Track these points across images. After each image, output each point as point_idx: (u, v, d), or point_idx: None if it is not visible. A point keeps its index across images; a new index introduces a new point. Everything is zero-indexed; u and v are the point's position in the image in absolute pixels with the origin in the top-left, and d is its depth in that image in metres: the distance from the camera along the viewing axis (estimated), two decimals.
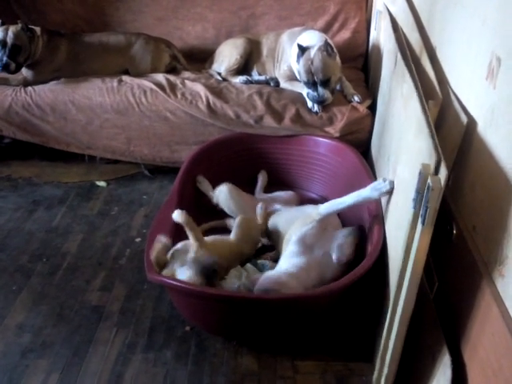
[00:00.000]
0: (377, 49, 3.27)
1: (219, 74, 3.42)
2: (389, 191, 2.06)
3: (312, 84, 2.96)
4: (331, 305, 2.16)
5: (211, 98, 3.10)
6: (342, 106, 3.03)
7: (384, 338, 1.80)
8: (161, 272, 2.06)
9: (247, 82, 3.28)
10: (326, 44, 2.93)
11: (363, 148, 2.99)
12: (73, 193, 3.21)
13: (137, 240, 2.78)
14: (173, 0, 3.78)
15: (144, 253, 2.11)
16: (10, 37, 3.17)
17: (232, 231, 2.41)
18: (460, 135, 1.74)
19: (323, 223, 2.25)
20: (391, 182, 2.06)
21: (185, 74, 3.40)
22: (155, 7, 3.79)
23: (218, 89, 3.20)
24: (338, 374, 2.04)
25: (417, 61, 2.27)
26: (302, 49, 2.95)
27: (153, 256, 2.05)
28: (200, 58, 3.68)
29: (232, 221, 2.57)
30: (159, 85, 3.21)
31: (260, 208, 2.59)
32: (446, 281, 1.76)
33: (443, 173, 1.42)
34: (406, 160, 1.86)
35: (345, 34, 3.69)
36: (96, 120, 3.24)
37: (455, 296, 1.68)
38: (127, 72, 3.42)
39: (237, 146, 3.05)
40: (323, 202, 2.32)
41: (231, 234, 2.39)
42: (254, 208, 2.60)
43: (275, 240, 2.47)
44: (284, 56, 3.29)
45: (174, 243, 2.18)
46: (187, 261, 2.07)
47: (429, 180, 1.42)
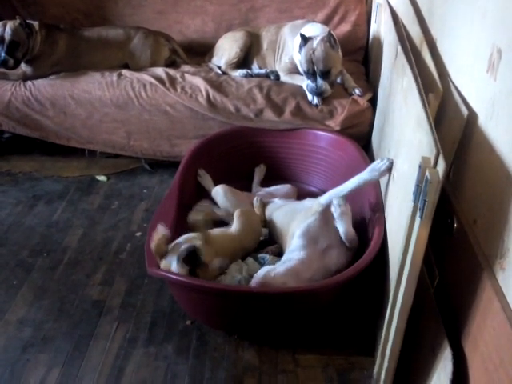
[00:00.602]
0: (377, 42, 3.26)
1: (219, 68, 3.41)
2: (388, 168, 2.05)
3: (312, 74, 2.94)
4: (332, 298, 2.16)
5: (211, 92, 3.09)
6: (343, 99, 3.02)
7: (384, 332, 1.80)
8: (160, 261, 2.06)
9: (247, 76, 3.27)
10: (330, 35, 2.92)
11: (364, 141, 2.98)
12: (73, 187, 3.20)
13: (137, 234, 2.78)
14: None
15: (144, 247, 2.11)
16: (8, 33, 3.16)
17: (233, 225, 2.40)
18: (460, 128, 1.73)
19: (325, 215, 2.23)
20: (389, 159, 2.05)
21: (184, 68, 3.39)
22: (155, 1, 3.77)
23: (218, 82, 3.19)
24: (339, 368, 2.04)
25: (417, 53, 2.26)
26: (305, 38, 2.93)
27: (153, 244, 2.05)
28: (200, 52, 3.67)
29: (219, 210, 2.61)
30: (159, 79, 3.20)
31: (256, 201, 2.60)
32: (447, 274, 1.75)
33: (441, 166, 1.41)
34: (406, 153, 1.85)
35: (345, 27, 3.67)
36: (96, 114, 3.23)
37: (456, 289, 1.68)
38: (127, 66, 3.42)
39: (237, 140, 3.05)
40: None
41: (232, 227, 2.39)
42: (250, 204, 2.61)
43: (275, 234, 2.47)
44: (285, 49, 3.27)
45: (175, 237, 2.17)
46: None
47: (427, 173, 1.41)
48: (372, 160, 2.68)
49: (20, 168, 3.39)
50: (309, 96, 3.02)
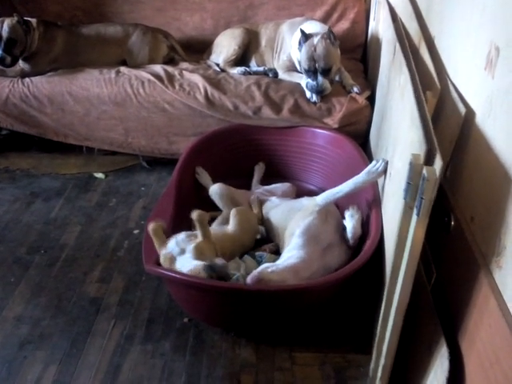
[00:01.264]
0: (376, 39, 3.26)
1: (217, 65, 3.40)
2: (385, 169, 2.06)
3: (313, 72, 2.93)
4: (329, 296, 2.16)
5: (209, 89, 3.09)
6: (341, 97, 3.01)
7: (381, 329, 1.79)
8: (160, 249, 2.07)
9: (245, 73, 3.27)
10: (330, 32, 2.91)
11: (362, 139, 2.98)
12: (71, 184, 3.20)
13: (135, 232, 2.78)
14: None
15: (142, 244, 2.11)
16: (5, 30, 3.15)
17: (230, 223, 2.40)
18: (458, 126, 1.73)
19: (323, 214, 2.24)
20: (384, 160, 2.05)
21: (183, 65, 3.39)
22: None
23: (216, 80, 3.19)
24: (336, 366, 2.04)
25: (415, 51, 2.26)
26: (305, 35, 2.93)
27: (151, 227, 2.06)
28: (198, 49, 3.66)
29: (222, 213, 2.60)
30: (157, 76, 3.20)
31: (253, 199, 2.60)
32: (444, 272, 1.75)
33: (438, 164, 1.41)
34: (401, 151, 1.85)
35: (344, 25, 3.67)
36: (94, 111, 3.23)
37: (453, 287, 1.68)
38: (125, 63, 3.41)
39: (235, 138, 3.04)
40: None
41: (229, 226, 2.39)
42: (247, 201, 2.61)
43: (272, 232, 2.47)
44: (284, 46, 3.27)
45: (172, 234, 2.17)
46: (188, 251, 2.07)
47: (424, 171, 1.40)
48: (370, 158, 2.68)
49: (18, 165, 3.39)
50: (307, 93, 3.01)
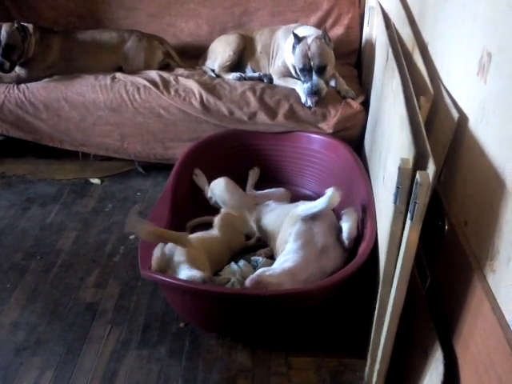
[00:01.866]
0: (370, 45, 3.28)
1: (212, 71, 3.42)
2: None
3: (308, 71, 2.93)
4: (325, 300, 2.17)
5: (204, 95, 3.10)
6: (336, 102, 3.03)
7: (375, 334, 1.80)
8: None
9: (240, 79, 3.28)
10: (324, 33, 2.93)
11: (356, 144, 2.99)
12: (67, 190, 3.20)
13: (131, 237, 2.78)
14: None
15: (138, 250, 2.11)
16: (4, 36, 3.16)
17: (215, 228, 2.46)
18: (451, 131, 1.74)
19: (308, 220, 2.27)
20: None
21: (178, 71, 3.40)
22: (148, 4, 3.79)
23: (212, 85, 3.20)
24: (332, 370, 2.04)
25: (409, 57, 2.28)
26: (298, 38, 2.94)
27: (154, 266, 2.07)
28: (193, 55, 3.68)
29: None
30: (152, 82, 3.21)
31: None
32: (438, 276, 1.76)
33: (431, 168, 1.42)
34: (393, 155, 1.86)
35: (338, 30, 3.69)
36: (89, 117, 3.23)
37: (447, 291, 1.69)
38: (121, 69, 3.42)
39: (230, 143, 3.05)
40: (316, 199, 2.33)
41: (213, 231, 2.45)
42: (248, 204, 2.61)
43: (268, 237, 2.47)
44: (279, 52, 3.28)
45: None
46: (180, 263, 2.09)
47: (417, 175, 1.41)
48: (364, 162, 2.70)
49: (13, 171, 3.39)
50: (302, 98, 3.02)
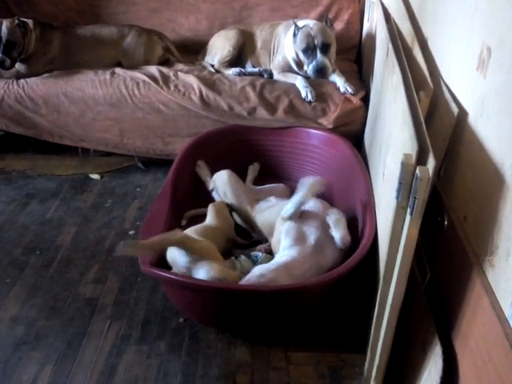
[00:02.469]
0: (370, 40, 3.27)
1: (212, 66, 3.41)
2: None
3: (312, 50, 2.96)
4: (324, 296, 2.17)
5: (204, 90, 3.09)
6: (336, 98, 3.02)
7: (374, 329, 1.80)
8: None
9: (240, 74, 3.27)
10: (327, 18, 3.00)
11: (356, 139, 2.99)
12: (66, 185, 3.20)
13: (130, 232, 2.78)
14: None
15: None
16: (5, 32, 3.15)
17: (207, 217, 2.49)
18: (451, 126, 1.74)
19: (296, 218, 2.28)
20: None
21: (178, 66, 3.39)
22: None
23: (211, 81, 3.19)
24: (331, 365, 2.05)
25: (409, 51, 2.27)
26: (298, 26, 2.99)
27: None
28: (193, 50, 3.66)
29: None
30: (152, 77, 3.20)
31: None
32: (438, 271, 1.76)
33: (431, 163, 1.41)
34: (394, 151, 1.86)
35: (338, 26, 3.67)
36: (89, 112, 3.23)
37: (446, 286, 1.69)
38: (120, 64, 3.41)
39: (230, 138, 3.05)
40: None
41: (207, 220, 2.48)
42: (249, 197, 2.61)
43: (267, 233, 2.47)
44: (280, 48, 3.28)
45: None
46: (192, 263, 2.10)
47: (417, 170, 1.41)
48: (364, 158, 2.70)
49: (13, 166, 3.39)
50: (302, 92, 3.02)
